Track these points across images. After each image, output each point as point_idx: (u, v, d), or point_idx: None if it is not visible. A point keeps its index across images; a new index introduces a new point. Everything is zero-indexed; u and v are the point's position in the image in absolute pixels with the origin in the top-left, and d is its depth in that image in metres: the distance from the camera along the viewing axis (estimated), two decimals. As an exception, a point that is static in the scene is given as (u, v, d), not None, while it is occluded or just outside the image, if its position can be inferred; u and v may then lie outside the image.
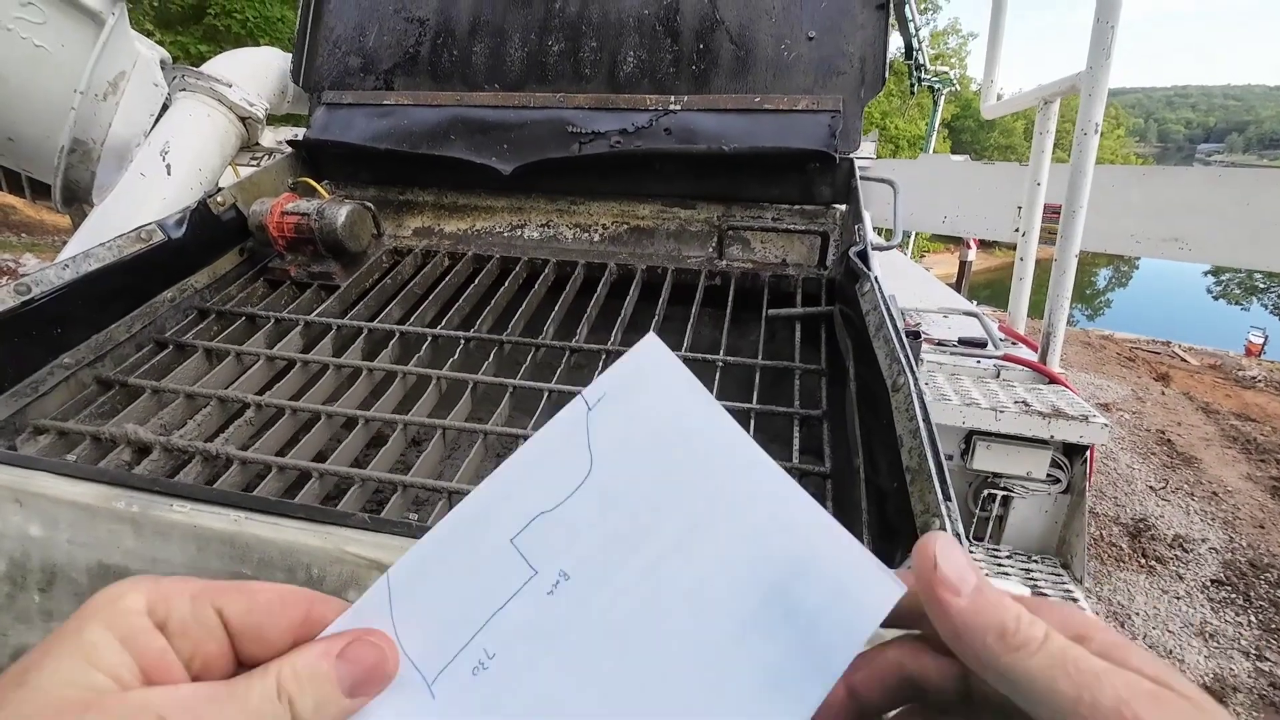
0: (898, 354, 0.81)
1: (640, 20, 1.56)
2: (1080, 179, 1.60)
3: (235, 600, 0.28)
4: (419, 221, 1.68)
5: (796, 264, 1.43)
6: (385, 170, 1.70)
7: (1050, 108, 1.86)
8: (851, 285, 1.05)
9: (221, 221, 1.44)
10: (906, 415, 0.72)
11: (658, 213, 1.58)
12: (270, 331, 1.29)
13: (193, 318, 1.32)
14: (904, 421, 0.72)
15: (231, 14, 10.68)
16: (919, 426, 0.69)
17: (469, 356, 1.24)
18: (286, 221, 1.40)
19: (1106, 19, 1.50)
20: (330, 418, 1.08)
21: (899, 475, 0.68)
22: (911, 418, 0.71)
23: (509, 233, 1.63)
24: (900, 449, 0.69)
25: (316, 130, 1.64)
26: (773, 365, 1.13)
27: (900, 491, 0.66)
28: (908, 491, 0.64)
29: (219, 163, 1.71)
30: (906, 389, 0.75)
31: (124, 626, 0.27)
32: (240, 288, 1.43)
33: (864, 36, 1.45)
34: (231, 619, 0.28)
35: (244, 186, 1.50)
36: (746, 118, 1.46)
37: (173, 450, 1.00)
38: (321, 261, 1.44)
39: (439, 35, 1.65)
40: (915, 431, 0.69)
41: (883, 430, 0.78)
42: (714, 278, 1.41)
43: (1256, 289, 24.36)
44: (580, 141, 1.52)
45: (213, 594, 0.28)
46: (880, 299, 0.91)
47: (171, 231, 1.33)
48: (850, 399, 0.96)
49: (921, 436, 0.68)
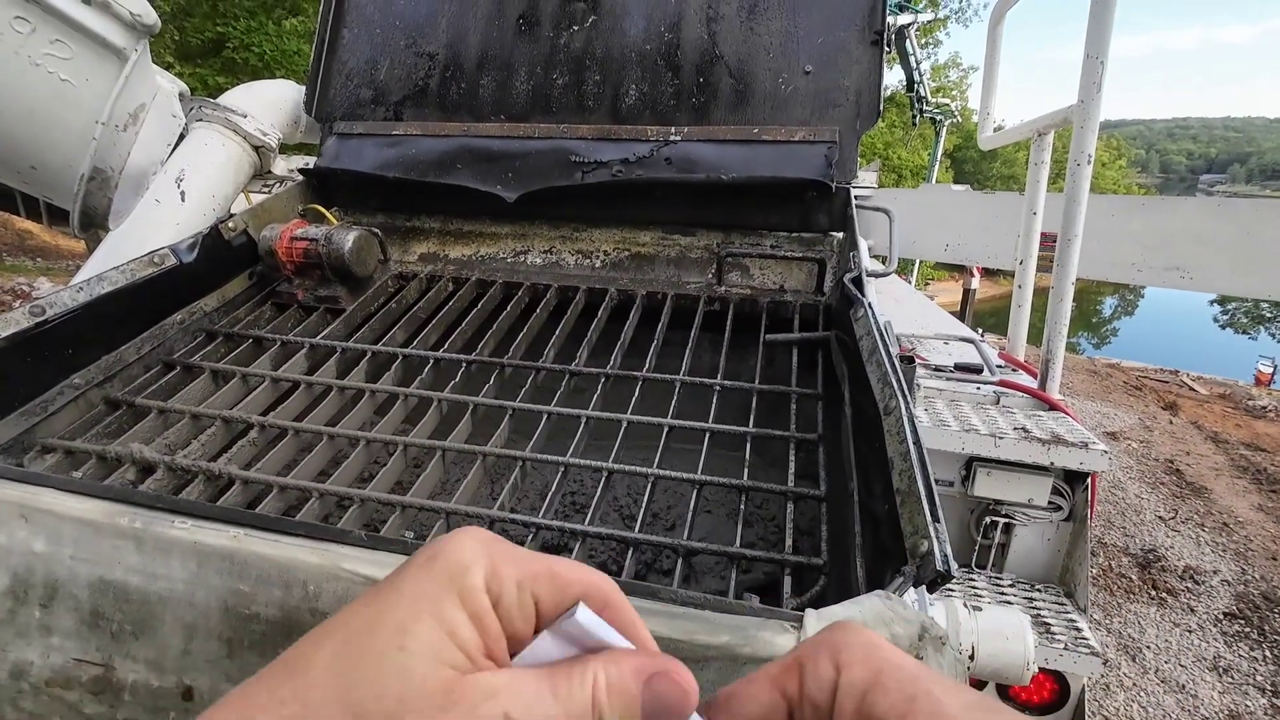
0: (890, 378, 0.82)
1: (642, 55, 1.61)
2: (1075, 209, 1.62)
3: (549, 591, 0.30)
4: (425, 247, 1.72)
5: (794, 290, 1.45)
6: (393, 197, 1.75)
7: (1044, 139, 1.90)
8: (847, 311, 1.07)
9: (232, 246, 1.47)
10: (898, 439, 0.73)
11: (658, 239, 1.61)
12: (276, 354, 1.31)
13: (201, 339, 1.35)
14: (895, 445, 0.73)
15: (249, 48, 11.01)
16: (909, 449, 0.70)
17: (470, 379, 1.26)
18: (295, 246, 1.43)
19: (1096, 55, 1.54)
20: (332, 439, 1.09)
21: (890, 498, 0.68)
22: (902, 440, 0.72)
23: (512, 258, 1.66)
24: (891, 472, 0.70)
25: (327, 159, 1.69)
26: (770, 390, 1.14)
27: (891, 514, 0.67)
28: (898, 514, 0.65)
29: (232, 190, 1.76)
30: (898, 413, 0.76)
31: (474, 605, 0.28)
32: (248, 310, 1.46)
33: (859, 71, 1.49)
34: (544, 603, 0.30)
35: (256, 213, 1.54)
36: (745, 148, 1.50)
37: (176, 469, 1.02)
38: (328, 285, 1.48)
39: (448, 69, 1.71)
40: (905, 454, 0.70)
41: (876, 454, 0.78)
42: (713, 303, 1.43)
43: (1264, 318, 24.28)
44: (583, 170, 1.56)
45: (532, 581, 0.30)
46: (874, 324, 0.93)
47: (183, 256, 1.36)
48: (845, 423, 0.97)
49: (911, 459, 0.69)
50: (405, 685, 0.25)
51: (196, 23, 11.24)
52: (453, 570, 0.28)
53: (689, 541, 0.85)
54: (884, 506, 0.70)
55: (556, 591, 0.30)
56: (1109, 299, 28.62)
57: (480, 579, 0.28)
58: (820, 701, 0.29)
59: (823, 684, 0.29)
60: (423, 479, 1.00)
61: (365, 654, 0.26)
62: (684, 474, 0.97)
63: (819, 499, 0.91)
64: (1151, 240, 3.95)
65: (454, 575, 0.28)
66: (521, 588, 0.29)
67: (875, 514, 0.74)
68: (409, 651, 0.26)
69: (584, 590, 0.30)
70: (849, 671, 0.28)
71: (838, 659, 0.29)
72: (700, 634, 0.51)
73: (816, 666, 0.29)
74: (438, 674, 0.26)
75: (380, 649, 0.26)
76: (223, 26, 11.10)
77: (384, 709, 0.25)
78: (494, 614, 0.28)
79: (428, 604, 0.27)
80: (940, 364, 1.80)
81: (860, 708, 0.27)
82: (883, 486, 0.72)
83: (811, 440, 1.02)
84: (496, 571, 0.29)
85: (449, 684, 0.26)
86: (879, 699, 0.27)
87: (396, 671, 0.25)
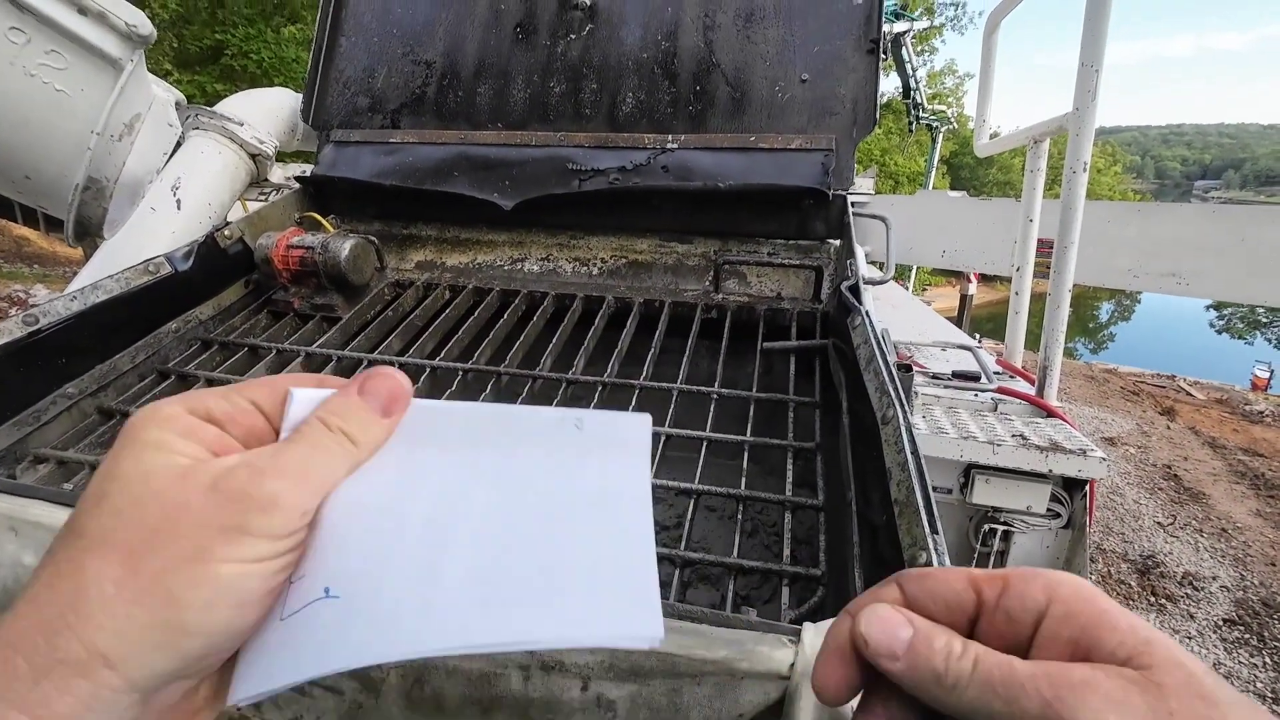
0: (887, 387, 0.82)
1: (639, 63, 1.61)
2: (1071, 216, 1.63)
3: (260, 390, 0.33)
4: (421, 255, 1.71)
5: (792, 298, 1.45)
6: (390, 205, 1.74)
7: (1040, 146, 1.91)
8: (844, 319, 1.07)
9: (228, 254, 1.47)
10: (895, 448, 0.72)
11: (655, 247, 1.61)
12: (272, 362, 1.31)
13: (196, 348, 1.34)
14: (893, 454, 0.72)
15: (248, 55, 11.05)
16: (907, 459, 0.69)
17: (467, 388, 1.25)
18: (292, 255, 1.43)
19: (1091, 63, 1.54)
20: (327, 448, 1.08)
21: (888, 508, 0.68)
22: (900, 450, 0.71)
23: (509, 266, 1.65)
24: (890, 482, 0.69)
25: (324, 167, 1.69)
26: (767, 398, 1.13)
27: (889, 524, 0.66)
28: (896, 524, 0.64)
29: (228, 198, 1.76)
30: (896, 422, 0.76)
31: (178, 425, 0.29)
32: (244, 319, 1.45)
33: (855, 79, 1.50)
34: (263, 404, 0.32)
35: (252, 221, 1.54)
36: (742, 156, 1.50)
37: (170, 480, 1.01)
38: (324, 294, 1.47)
39: (445, 77, 1.71)
40: (904, 464, 0.69)
41: (874, 463, 0.78)
42: (710, 310, 1.43)
43: (1260, 323, 24.37)
44: (580, 178, 1.56)
45: (240, 389, 0.32)
46: (871, 332, 0.93)
47: (179, 264, 1.36)
48: (843, 432, 0.96)
49: (909, 469, 0.68)
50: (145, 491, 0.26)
51: (195, 30, 11.27)
52: (140, 420, 0.29)
53: (686, 552, 0.84)
54: (882, 516, 0.69)
55: (271, 392, 0.32)
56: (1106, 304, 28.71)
57: (176, 410, 0.30)
58: (1021, 619, 0.29)
59: (1028, 605, 0.29)
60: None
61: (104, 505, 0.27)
62: (681, 483, 0.96)
63: (817, 508, 0.90)
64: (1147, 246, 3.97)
65: (143, 421, 0.29)
66: (230, 396, 0.31)
67: (873, 524, 0.74)
68: (120, 479, 0.27)
69: (293, 380, 0.33)
70: (1065, 604, 0.28)
71: (1052, 592, 0.29)
72: (697, 649, 0.51)
73: (1027, 587, 0.29)
74: (162, 470, 0.27)
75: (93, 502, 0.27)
76: (221, 34, 11.14)
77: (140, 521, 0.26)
78: (209, 425, 0.30)
79: (123, 449, 0.28)
80: (938, 371, 1.80)
81: (1080, 637, 0.27)
82: (880, 496, 0.72)
83: (809, 449, 1.01)
84: (196, 399, 0.31)
85: (184, 471, 0.27)
86: (1105, 635, 0.26)
87: (115, 498, 0.26)
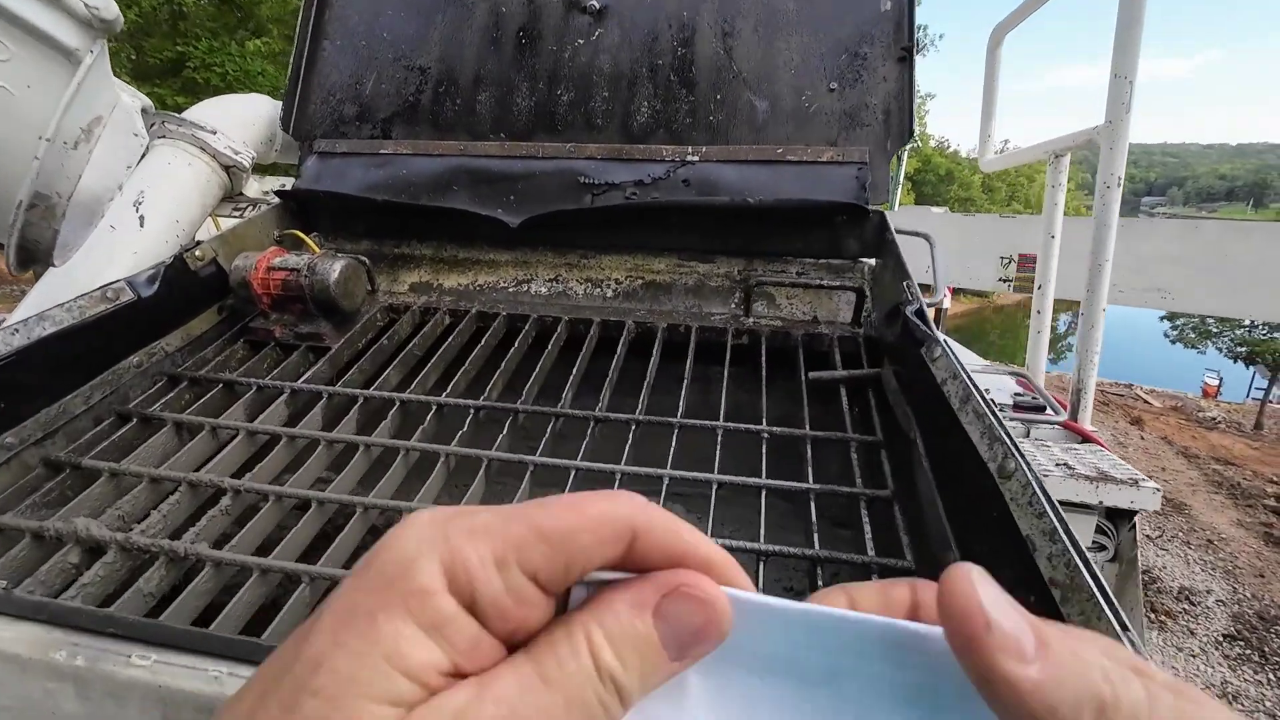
0: (998, 433, 0.71)
1: (654, 70, 1.50)
2: (1105, 233, 1.56)
3: (545, 556, 0.22)
4: (416, 276, 1.56)
5: (829, 321, 1.34)
6: (380, 223, 1.59)
7: (1061, 161, 1.85)
8: (911, 348, 0.96)
9: (199, 278, 1.30)
10: (1032, 511, 0.61)
11: (674, 267, 1.49)
12: (251, 401, 1.14)
13: (162, 385, 1.17)
14: (1029, 519, 0.61)
15: (211, 67, 10.70)
16: (1054, 527, 0.58)
17: (480, 428, 1.11)
18: (273, 278, 1.27)
19: (1124, 74, 1.49)
20: (321, 505, 0.93)
21: (1038, 588, 0.56)
22: (1041, 514, 0.60)
23: (514, 288, 1.52)
24: (1034, 555, 0.58)
25: (308, 180, 1.54)
26: (825, 436, 1.02)
27: (1043, 612, 0.54)
28: (1061, 614, 0.53)
29: (199, 214, 1.59)
30: (1023, 478, 0.64)
31: (428, 614, 0.21)
32: (217, 350, 1.28)
33: (887, 89, 1.41)
34: (549, 583, 0.22)
35: (226, 240, 1.37)
36: (769, 169, 1.39)
37: (131, 550, 0.84)
38: (310, 321, 1.31)
39: (441, 83, 1.58)
40: (1052, 534, 0.57)
41: (991, 526, 0.66)
42: (741, 336, 1.31)
43: (1210, 333, 25.32)
44: (593, 193, 1.44)
45: (518, 550, 0.22)
46: (959, 367, 0.82)
47: (142, 289, 1.19)
48: (925, 479, 0.85)
49: (1063, 540, 0.57)
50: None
51: (155, 42, 10.90)
52: (390, 575, 0.21)
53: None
54: (1029, 598, 0.57)
55: (556, 553, 0.22)
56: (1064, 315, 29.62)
57: (433, 576, 0.21)
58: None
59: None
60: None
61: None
62: (746, 542, 0.83)
63: (908, 572, 0.78)
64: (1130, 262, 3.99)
65: (393, 582, 0.21)
66: (505, 565, 0.21)
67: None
68: (323, 695, 0.19)
69: (595, 530, 0.22)
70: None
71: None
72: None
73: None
74: (365, 712, 0.19)
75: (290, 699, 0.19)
76: (183, 46, 10.79)
77: None
78: (466, 615, 0.21)
79: (352, 623, 0.20)
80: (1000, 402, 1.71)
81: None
82: (1016, 572, 0.60)
83: (884, 497, 0.89)
84: (459, 558, 0.21)
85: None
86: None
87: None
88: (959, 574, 0.22)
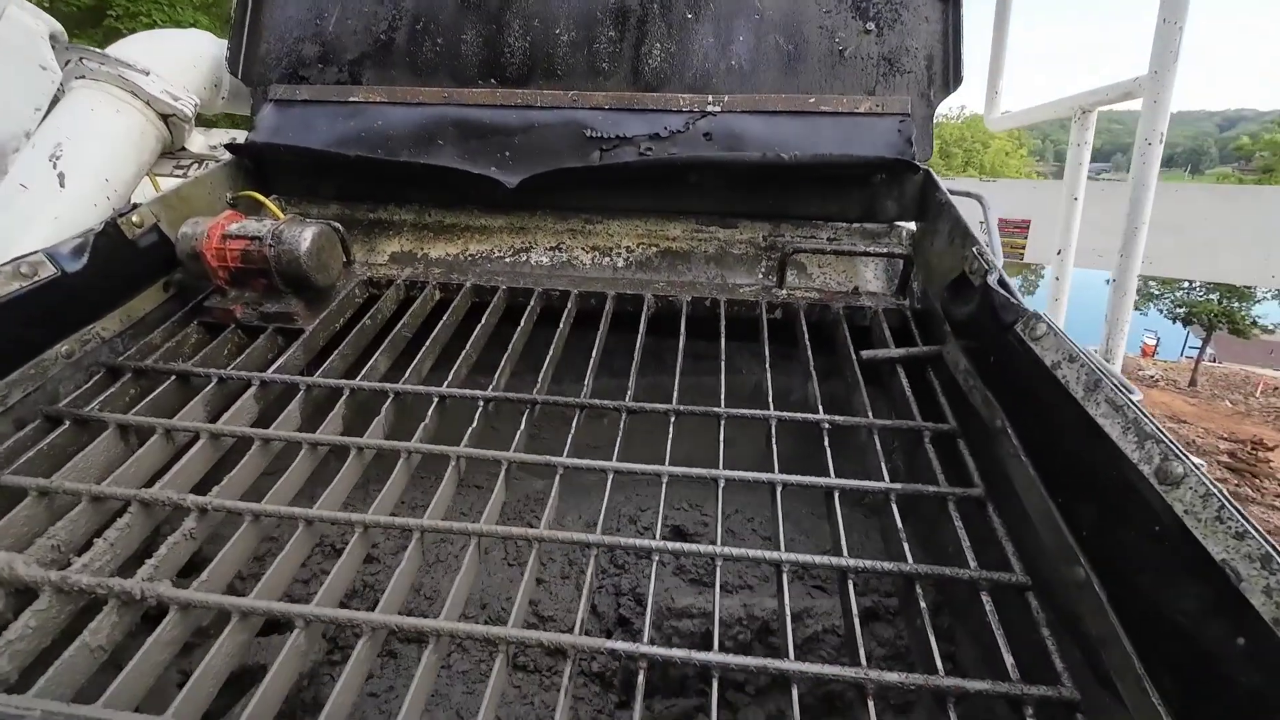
0: (1148, 428, 0.59)
1: (666, 6, 1.32)
2: (1143, 194, 1.46)
3: None
4: (397, 245, 1.37)
5: (870, 293, 1.22)
6: (352, 183, 1.39)
7: (1089, 118, 1.74)
8: (992, 324, 0.84)
9: (139, 248, 1.09)
10: (1225, 529, 0.49)
11: (692, 232, 1.34)
12: (212, 396, 0.96)
13: (99, 379, 0.98)
14: (1223, 539, 0.49)
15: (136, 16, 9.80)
16: (1268, 552, 0.47)
17: (491, 422, 0.95)
18: (230, 248, 1.07)
19: (1173, 19, 1.37)
20: (310, 525, 0.77)
21: (1249, 628, 0.45)
22: (1241, 534, 0.48)
23: (511, 258, 1.34)
24: (1240, 588, 0.46)
25: (264, 133, 1.31)
26: (893, 426, 0.89)
27: (1260, 664, 0.44)
28: None
29: (133, 172, 1.34)
30: (1197, 484, 0.53)
31: None
32: (166, 335, 1.09)
33: (929, 31, 1.26)
34: None
35: (168, 203, 1.16)
36: (800, 121, 1.24)
37: (72, 592, 0.67)
38: (277, 299, 1.12)
39: (419, 20, 1.36)
40: (1265, 560, 0.46)
41: (1150, 542, 0.55)
42: (774, 310, 1.17)
43: (1153, 295, 26.46)
44: (601, 148, 1.27)
45: None
46: (1078, 348, 0.70)
47: (67, 263, 0.98)
48: (1026, 478, 0.73)
49: (1276, 565, 0.45)
50: None
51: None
52: None
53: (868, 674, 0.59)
54: (1235, 640, 0.46)
55: None
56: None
57: None
58: None
59: None
60: (457, 586, 0.70)
61: None
62: (826, 558, 0.71)
63: (1022, 588, 0.67)
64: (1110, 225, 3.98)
65: None
66: None
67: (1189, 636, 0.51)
68: None
69: None
70: None
71: None
72: None
73: None
74: None
75: None
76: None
77: None
78: None
79: None
80: None
81: None
82: (1207, 605, 0.49)
83: (975, 497, 0.78)
84: None
85: None
86: None
87: None
88: None
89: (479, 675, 0.93)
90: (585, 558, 1.03)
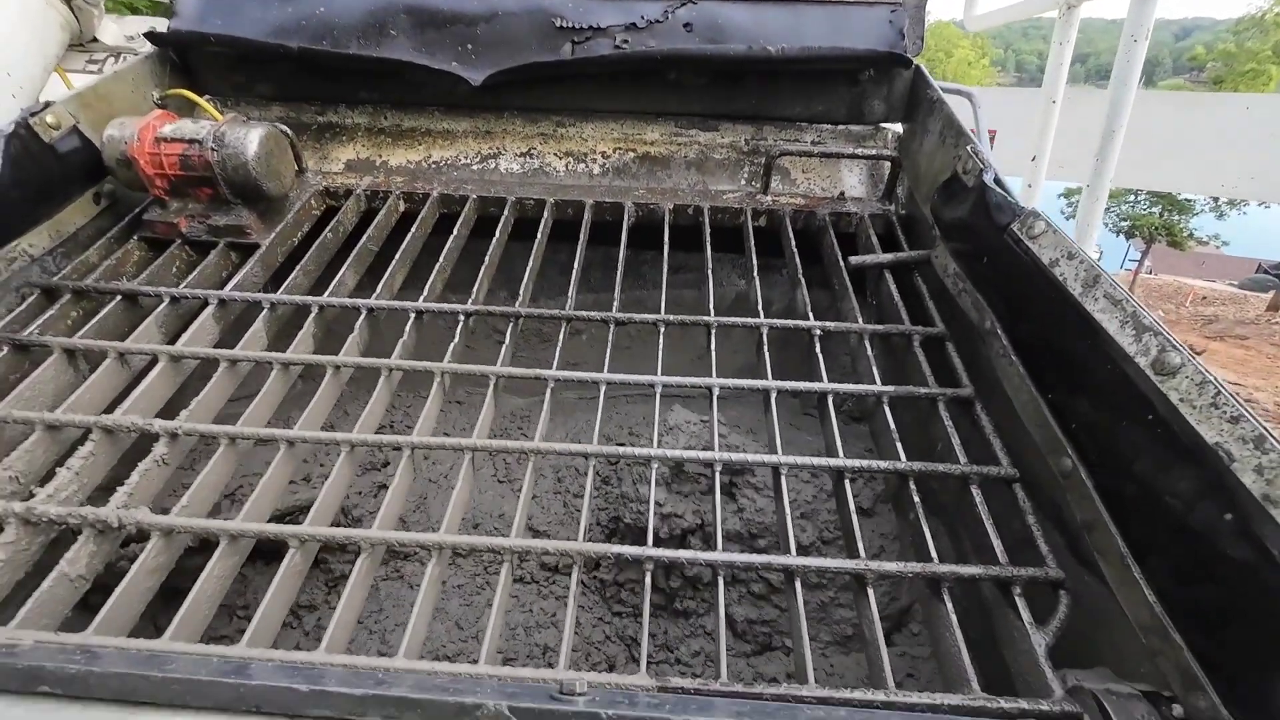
0: (1146, 320, 0.60)
1: (640, -125, 1.18)
2: (1123, 94, 1.44)
3: None
4: (351, 152, 1.26)
5: (854, 198, 1.19)
6: (294, 81, 1.26)
7: (1074, 13, 1.68)
8: (987, 225, 0.83)
9: (57, 153, 0.97)
10: (1220, 414, 0.51)
11: (670, 136, 1.27)
12: (166, 316, 0.89)
13: (34, 300, 0.89)
14: (1217, 424, 0.51)
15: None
16: (1261, 433, 0.48)
17: (474, 337, 0.92)
18: (166, 153, 0.96)
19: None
20: (292, 445, 0.73)
21: (1239, 508, 0.47)
22: (1236, 417, 0.50)
23: (479, 165, 1.26)
24: (1233, 468, 0.48)
25: (189, 20, 1.16)
26: (882, 331, 0.89)
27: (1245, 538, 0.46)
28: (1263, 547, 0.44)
29: (38, 66, 1.17)
30: (1194, 373, 0.54)
31: None
32: (103, 252, 0.99)
33: (923, -91, 1.17)
34: None
35: (86, 101, 1.03)
36: (787, 10, 1.16)
37: (39, 524, 0.63)
38: (225, 210, 1.03)
39: (358, -115, 1.19)
40: (1258, 441, 0.48)
41: (1144, 430, 0.57)
42: (759, 217, 1.14)
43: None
44: (573, 40, 1.16)
45: None
46: (1075, 245, 0.69)
47: (-24, 170, 0.87)
48: (1016, 377, 0.75)
49: (1271, 446, 0.47)
50: None
51: None
52: None
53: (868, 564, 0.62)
54: (1223, 515, 0.49)
55: None
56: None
57: None
58: None
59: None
60: (454, 503, 0.69)
61: None
62: (819, 459, 0.72)
63: (1010, 480, 0.70)
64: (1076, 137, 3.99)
65: None
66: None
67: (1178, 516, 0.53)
68: None
69: None
70: None
71: None
72: None
73: None
74: None
75: None
76: None
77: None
78: None
79: None
80: None
81: None
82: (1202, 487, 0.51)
83: (964, 397, 0.80)
84: None
85: None
86: None
87: None
88: None
89: (475, 589, 0.94)
90: (583, 469, 1.03)
